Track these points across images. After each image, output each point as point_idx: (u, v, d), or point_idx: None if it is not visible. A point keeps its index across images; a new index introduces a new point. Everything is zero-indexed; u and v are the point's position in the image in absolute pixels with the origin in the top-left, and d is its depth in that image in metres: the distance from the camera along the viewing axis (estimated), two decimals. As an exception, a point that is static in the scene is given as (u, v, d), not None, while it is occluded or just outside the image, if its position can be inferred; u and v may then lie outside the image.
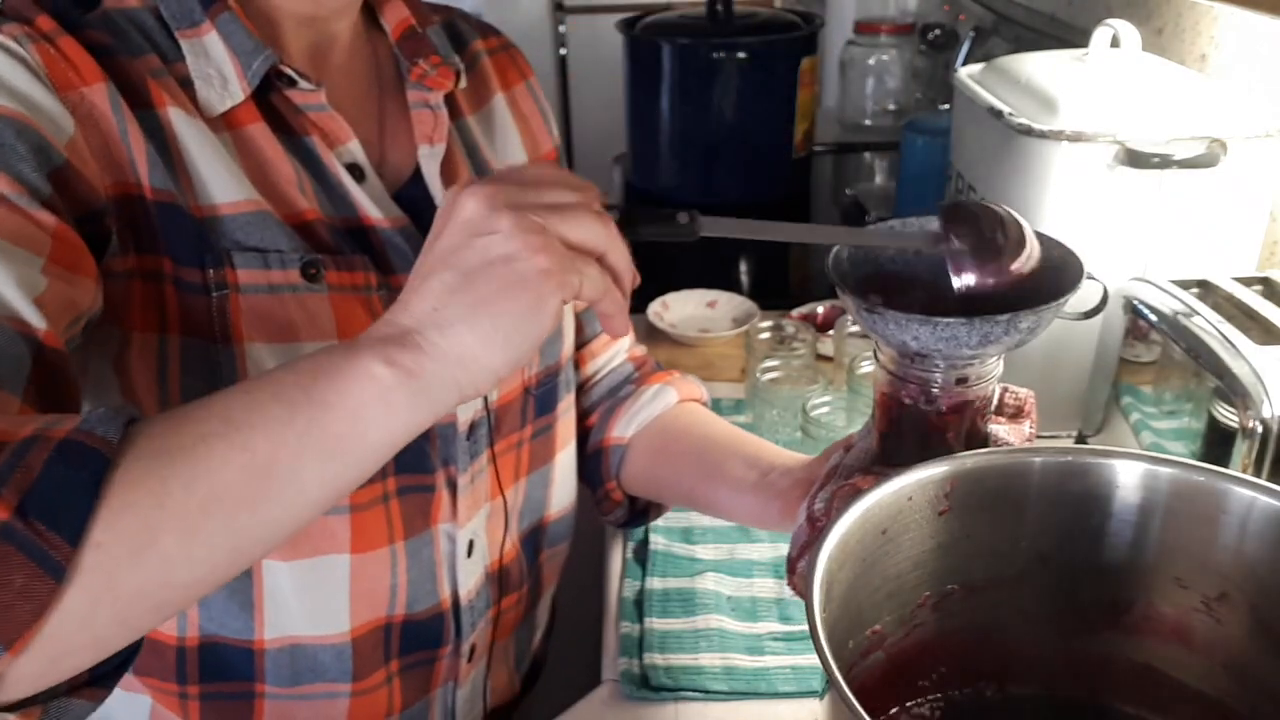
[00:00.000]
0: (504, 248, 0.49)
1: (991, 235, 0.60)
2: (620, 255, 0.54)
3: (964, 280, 0.61)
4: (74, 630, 0.43)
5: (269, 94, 0.68)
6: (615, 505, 0.92)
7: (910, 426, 0.65)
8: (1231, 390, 0.77)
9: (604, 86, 2.52)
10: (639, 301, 1.47)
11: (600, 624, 0.92)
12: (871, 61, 2.17)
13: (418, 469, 0.74)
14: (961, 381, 0.63)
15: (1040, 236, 0.64)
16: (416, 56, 0.77)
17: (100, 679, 0.48)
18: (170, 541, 0.44)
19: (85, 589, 0.42)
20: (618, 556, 0.99)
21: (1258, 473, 0.76)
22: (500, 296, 0.49)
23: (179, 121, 0.64)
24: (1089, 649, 0.61)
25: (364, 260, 0.69)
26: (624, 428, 0.90)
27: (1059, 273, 0.62)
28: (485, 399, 0.78)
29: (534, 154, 0.86)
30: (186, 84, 0.66)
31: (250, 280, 0.65)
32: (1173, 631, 0.59)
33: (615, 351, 0.96)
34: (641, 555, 0.98)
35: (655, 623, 0.89)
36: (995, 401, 0.68)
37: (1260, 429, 0.75)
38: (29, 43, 0.59)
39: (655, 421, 0.90)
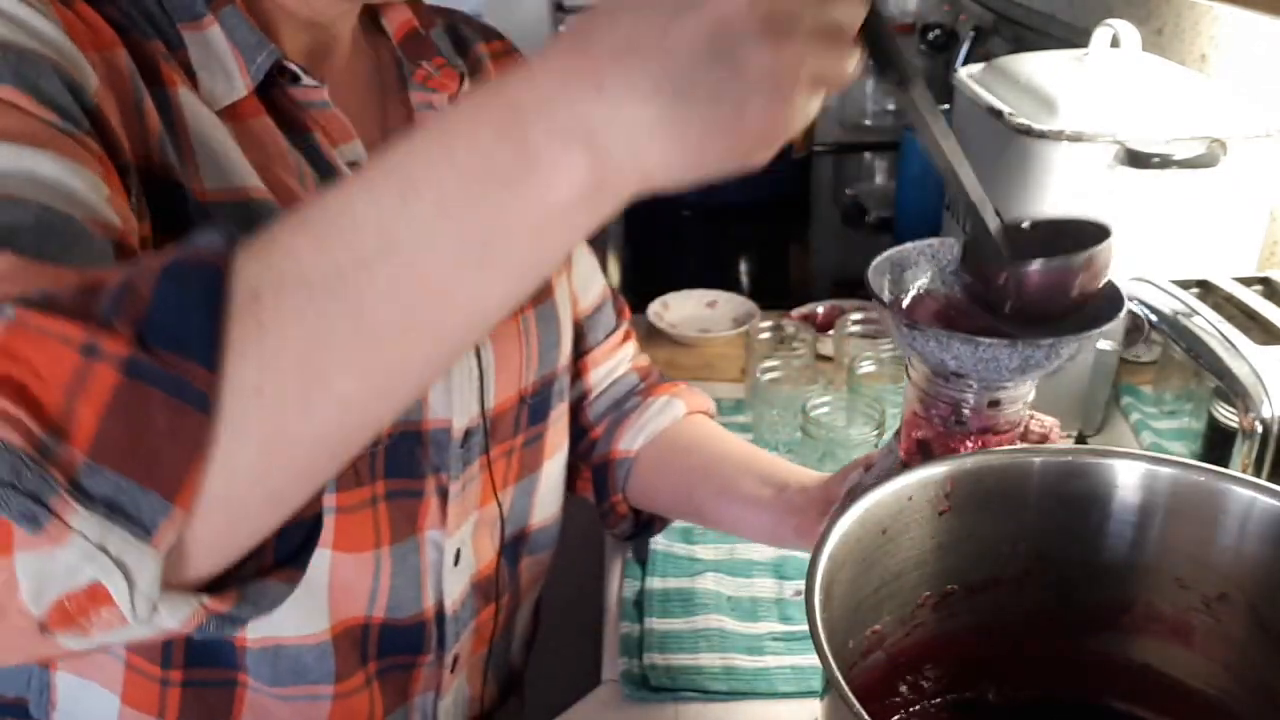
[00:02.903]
0: (751, 84, 0.39)
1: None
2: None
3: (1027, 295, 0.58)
4: (248, 486, 0.39)
5: (271, 90, 0.68)
6: (620, 519, 0.92)
7: (938, 448, 0.64)
8: (1231, 390, 0.77)
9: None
10: (639, 301, 1.47)
11: (600, 624, 0.92)
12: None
13: (408, 474, 0.73)
14: (994, 405, 0.62)
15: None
16: (420, 58, 0.77)
17: (290, 559, 0.45)
18: (343, 382, 0.39)
19: (253, 439, 0.38)
20: (618, 556, 0.99)
21: (1258, 473, 0.76)
22: (718, 132, 0.40)
23: (190, 103, 0.63)
24: (1089, 649, 0.61)
25: None
26: (630, 440, 0.89)
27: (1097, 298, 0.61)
28: (482, 406, 0.77)
29: None
30: (190, 74, 0.65)
31: None
32: (1173, 631, 0.59)
33: (619, 360, 0.95)
34: (641, 555, 0.98)
35: (655, 623, 0.89)
36: (1032, 429, 0.67)
37: (1260, 429, 0.75)
38: (49, 4, 0.58)
39: (663, 434, 0.89)
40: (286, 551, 0.45)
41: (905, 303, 0.64)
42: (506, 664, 0.93)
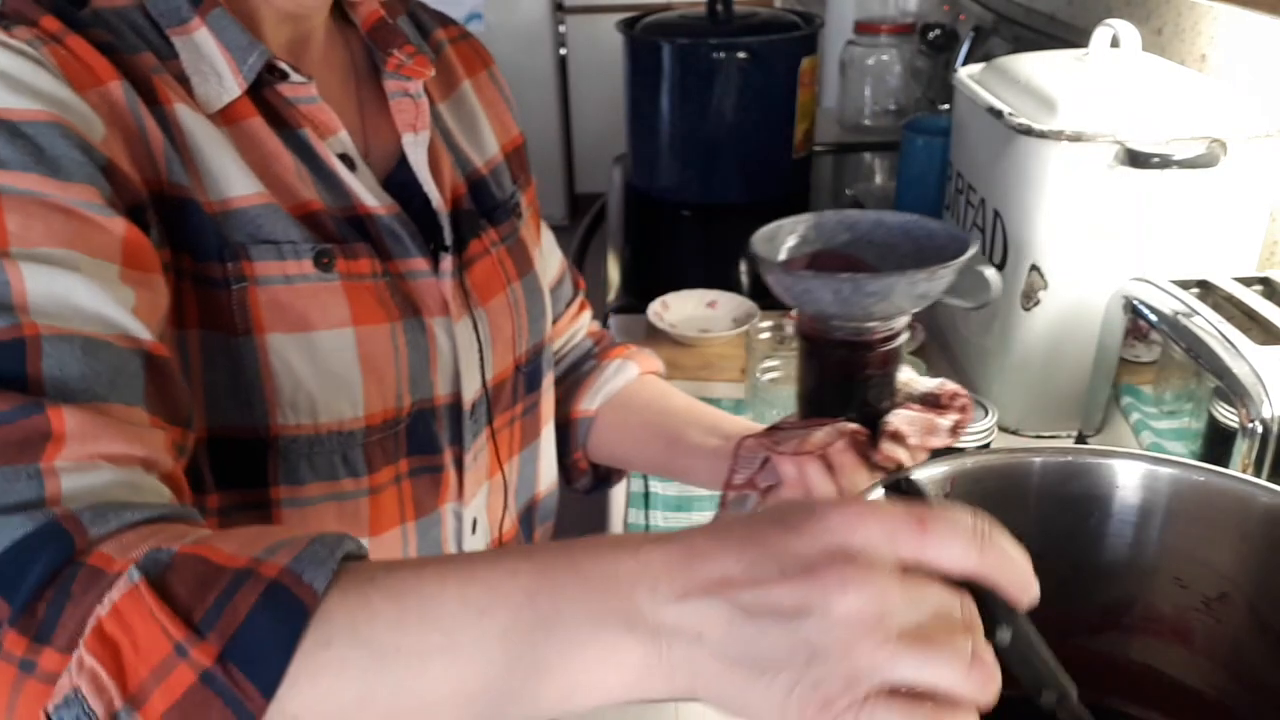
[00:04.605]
0: (830, 678, 0.38)
1: None
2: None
3: None
4: None
5: (261, 89, 0.69)
6: (581, 474, 0.96)
7: (813, 381, 0.72)
8: (1231, 390, 0.77)
9: (604, 86, 2.52)
10: (639, 301, 1.47)
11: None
12: (871, 61, 2.17)
13: (429, 450, 0.75)
14: (849, 346, 0.67)
15: (938, 223, 0.69)
16: (390, 47, 0.78)
17: None
18: None
19: None
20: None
21: (1258, 473, 0.76)
22: (763, 688, 0.39)
23: (186, 118, 0.64)
24: (1089, 649, 0.61)
25: (367, 248, 0.70)
26: (589, 401, 0.93)
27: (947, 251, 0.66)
28: (483, 377, 0.79)
29: (504, 138, 0.88)
30: (183, 80, 0.66)
31: (267, 272, 0.66)
32: (1173, 631, 0.59)
33: (577, 329, 0.99)
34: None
35: (655, 622, 0.89)
36: (930, 392, 0.71)
37: (1260, 429, 0.75)
38: (41, 45, 0.59)
39: (618, 395, 0.94)
40: None
41: (782, 255, 0.71)
42: None
